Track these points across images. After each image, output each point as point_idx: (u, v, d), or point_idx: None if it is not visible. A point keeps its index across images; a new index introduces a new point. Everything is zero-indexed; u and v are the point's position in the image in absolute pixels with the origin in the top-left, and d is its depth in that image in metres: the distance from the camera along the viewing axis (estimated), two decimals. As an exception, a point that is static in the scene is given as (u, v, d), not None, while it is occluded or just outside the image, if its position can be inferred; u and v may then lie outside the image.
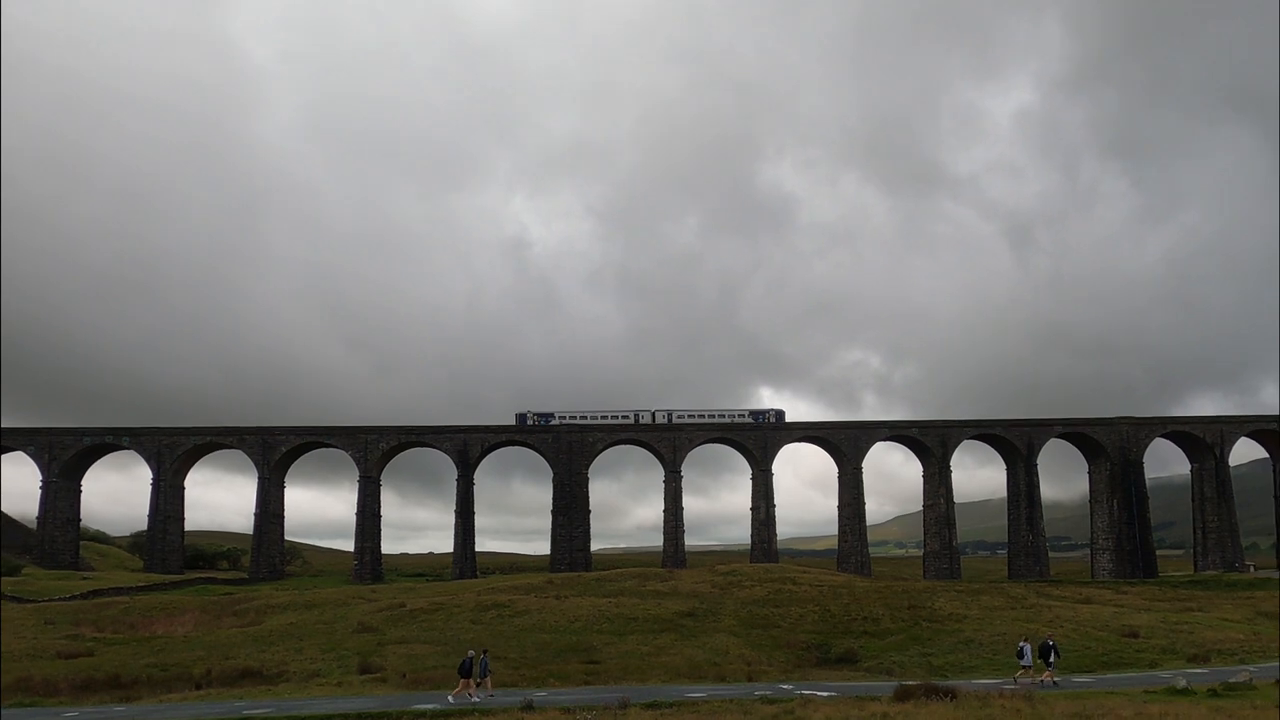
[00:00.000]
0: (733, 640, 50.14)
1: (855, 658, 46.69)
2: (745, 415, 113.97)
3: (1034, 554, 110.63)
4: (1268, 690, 30.52)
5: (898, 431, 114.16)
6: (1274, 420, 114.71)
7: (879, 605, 58.66)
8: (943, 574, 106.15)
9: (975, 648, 47.28)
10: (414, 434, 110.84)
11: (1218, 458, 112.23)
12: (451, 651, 45.84)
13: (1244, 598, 71.68)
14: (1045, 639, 37.43)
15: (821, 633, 52.44)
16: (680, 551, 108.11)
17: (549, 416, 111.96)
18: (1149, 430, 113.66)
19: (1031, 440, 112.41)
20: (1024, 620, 53.94)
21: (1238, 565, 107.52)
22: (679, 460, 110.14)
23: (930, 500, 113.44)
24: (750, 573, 76.05)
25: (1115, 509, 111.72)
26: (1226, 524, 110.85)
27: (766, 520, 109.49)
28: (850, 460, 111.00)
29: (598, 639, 49.63)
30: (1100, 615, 57.11)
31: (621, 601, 61.13)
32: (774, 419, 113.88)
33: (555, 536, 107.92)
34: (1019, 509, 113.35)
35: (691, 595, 64.12)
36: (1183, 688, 31.18)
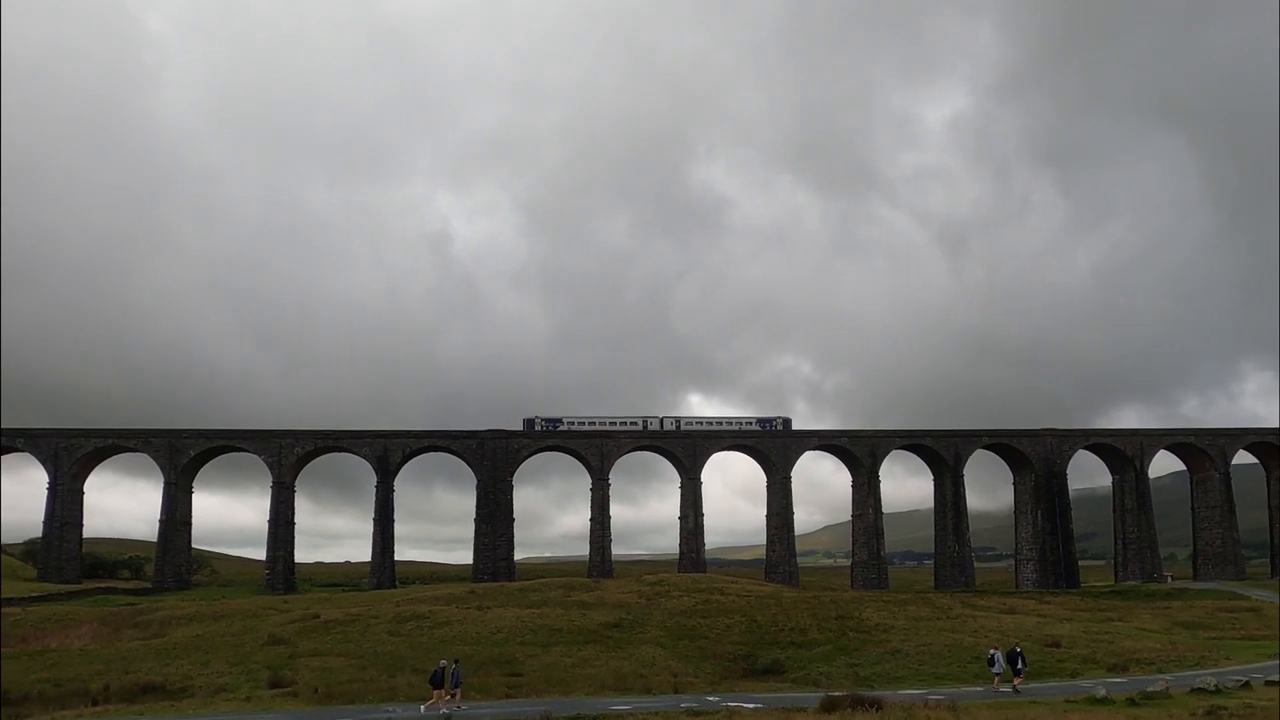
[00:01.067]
0: (659, 651, 50.23)
1: (782, 668, 47.17)
2: (753, 423, 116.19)
3: (960, 564, 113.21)
4: (1183, 699, 31.75)
5: (827, 441, 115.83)
6: (1190, 434, 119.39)
7: (806, 616, 59.38)
8: (870, 584, 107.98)
9: (902, 658, 48.17)
10: (332, 438, 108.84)
11: (1138, 470, 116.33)
12: (368, 664, 45.06)
13: (1161, 608, 74.46)
14: (1013, 647, 38.82)
15: (749, 643, 52.87)
16: (607, 561, 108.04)
17: (556, 422, 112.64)
18: (1073, 442, 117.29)
19: (959, 451, 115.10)
20: (950, 630, 55.15)
21: (1156, 576, 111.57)
22: (606, 469, 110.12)
23: (859, 510, 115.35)
24: (678, 583, 76.31)
25: (1039, 520, 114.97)
26: (1146, 535, 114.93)
27: (695, 529, 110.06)
28: (779, 469, 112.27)
29: (521, 651, 49.29)
30: (1024, 625, 58.69)
31: (546, 612, 60.84)
32: (781, 426, 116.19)
33: (478, 545, 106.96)
34: (946, 519, 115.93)
35: (618, 606, 64.10)
36: (1102, 697, 32.24)
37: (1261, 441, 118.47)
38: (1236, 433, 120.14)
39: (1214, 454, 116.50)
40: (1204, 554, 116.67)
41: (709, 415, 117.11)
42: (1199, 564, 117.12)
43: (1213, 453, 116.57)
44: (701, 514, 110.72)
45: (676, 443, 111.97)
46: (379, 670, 43.59)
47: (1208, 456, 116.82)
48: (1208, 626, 63.75)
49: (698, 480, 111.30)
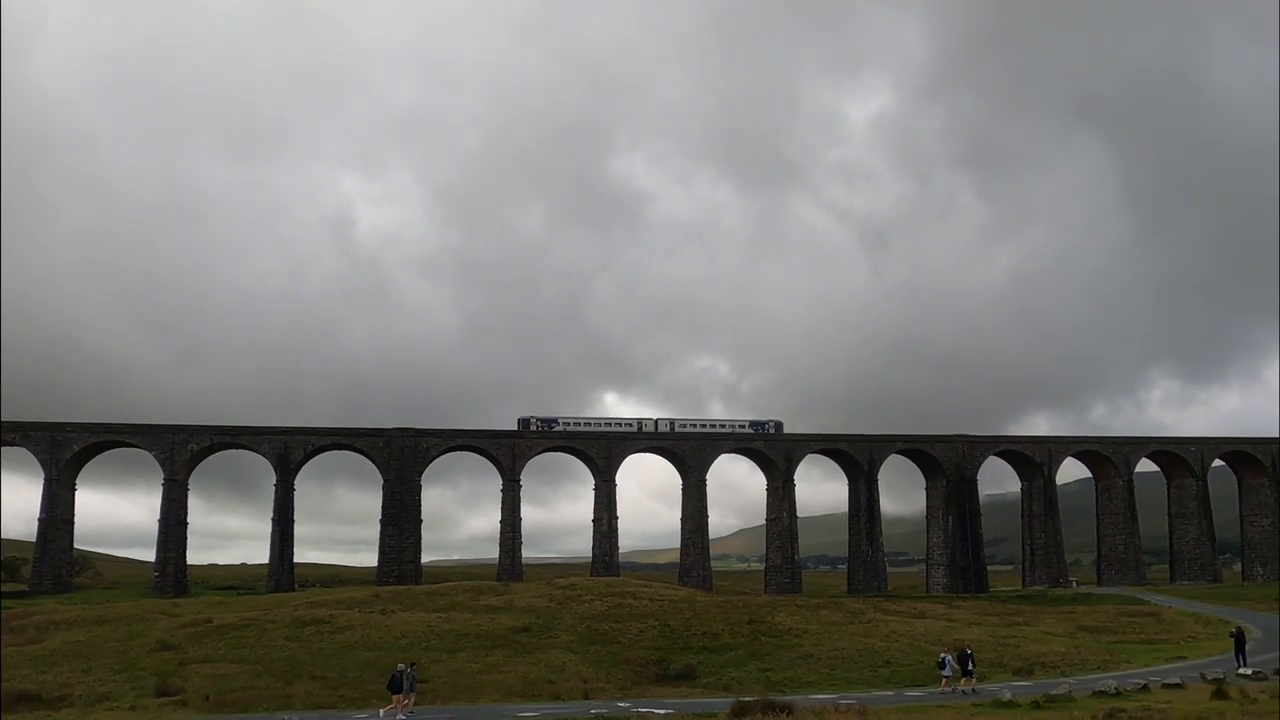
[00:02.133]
0: (570, 657, 50.15)
1: (694, 674, 47.51)
2: (745, 426, 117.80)
3: (873, 569, 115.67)
4: (1085, 702, 32.98)
5: (742, 444, 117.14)
6: (1096, 442, 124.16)
7: (719, 620, 59.94)
8: (784, 588, 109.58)
9: (814, 662, 48.97)
10: (229, 434, 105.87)
11: (1046, 477, 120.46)
12: (263, 671, 43.95)
13: (1066, 612, 77.20)
14: (964, 649, 40.21)
15: (661, 648, 53.12)
16: (517, 564, 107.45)
17: (552, 422, 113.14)
18: (984, 449, 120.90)
19: (873, 456, 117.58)
20: (862, 635, 56.30)
21: (1062, 581, 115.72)
22: (518, 469, 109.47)
23: (773, 514, 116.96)
24: (590, 587, 76.30)
25: (950, 525, 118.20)
26: (1053, 541, 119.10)
27: (608, 532, 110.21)
28: (694, 472, 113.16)
29: (426, 656, 48.64)
30: (933, 629, 60.23)
31: (453, 617, 60.21)
32: (773, 429, 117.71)
33: (383, 547, 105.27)
34: (860, 524, 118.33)
35: (528, 610, 63.80)
36: (1007, 700, 33.29)
37: (1163, 450, 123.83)
38: (1140, 441, 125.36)
39: (1118, 462, 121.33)
40: (1107, 559, 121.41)
41: (701, 419, 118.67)
42: (1103, 569, 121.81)
43: (1117, 460, 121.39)
44: (615, 517, 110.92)
45: (591, 444, 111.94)
46: (275, 677, 42.56)
47: (1112, 464, 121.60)
48: (1110, 631, 66.31)
49: (612, 482, 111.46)
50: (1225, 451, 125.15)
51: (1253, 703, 30.97)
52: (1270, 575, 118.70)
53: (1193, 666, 45.45)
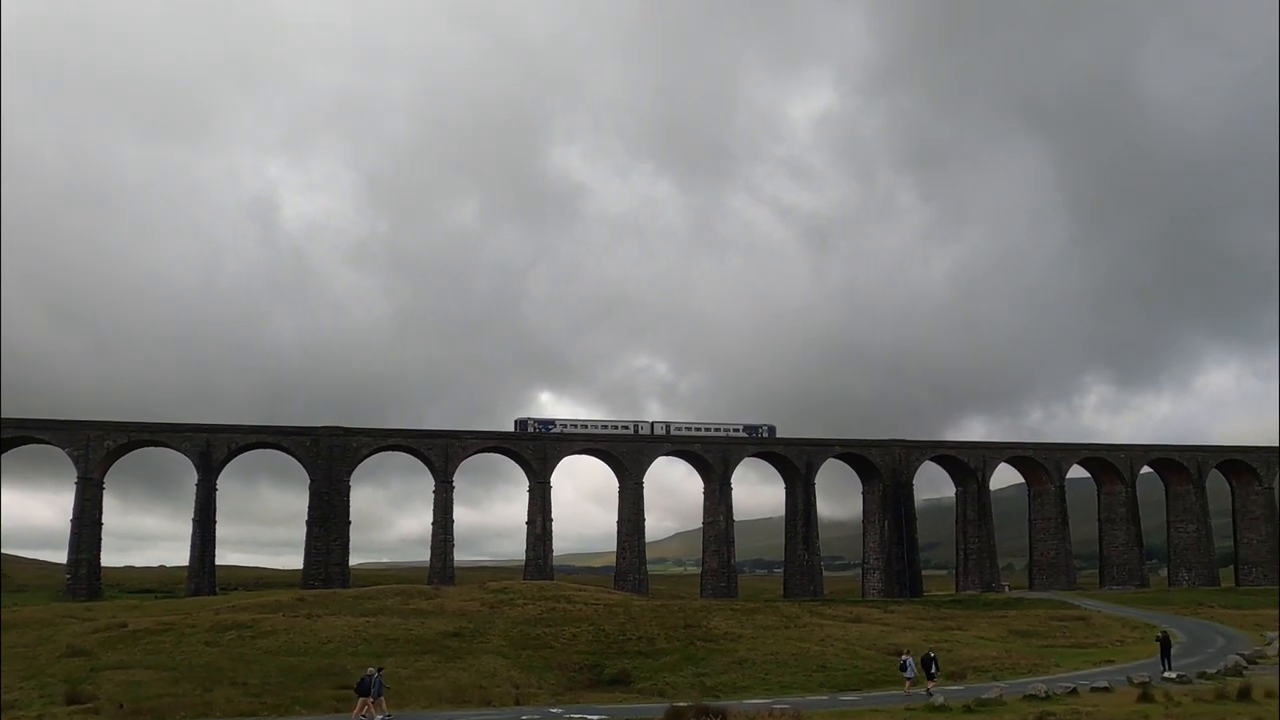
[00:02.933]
0: (501, 662, 49.89)
1: (629, 679, 47.57)
2: (739, 430, 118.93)
3: (809, 573, 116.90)
4: (1016, 705, 33.72)
5: (680, 446, 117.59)
6: (1029, 448, 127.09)
7: (654, 624, 60.10)
8: (720, 592, 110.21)
9: (749, 667, 49.36)
10: (148, 431, 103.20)
11: (980, 482, 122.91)
12: (181, 677, 42.95)
13: (999, 617, 78.92)
14: (926, 652, 40.95)
15: (595, 653, 53.10)
16: (449, 567, 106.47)
17: (549, 424, 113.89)
18: (920, 453, 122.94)
19: (810, 460, 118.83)
20: (797, 639, 56.89)
21: (994, 585, 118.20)
22: (451, 470, 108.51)
23: (710, 517, 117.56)
24: (523, 590, 76.01)
25: (886, 529, 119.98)
26: (986, 546, 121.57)
27: (543, 535, 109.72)
28: (631, 474, 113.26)
29: (353, 662, 47.97)
30: (868, 634, 61.15)
31: (381, 621, 59.50)
32: (766, 433, 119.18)
33: (309, 549, 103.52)
34: (796, 528, 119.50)
35: (459, 614, 63.30)
36: (940, 704, 33.91)
37: (1094, 457, 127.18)
38: (1072, 447, 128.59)
39: (1050, 468, 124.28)
40: (1039, 564, 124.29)
41: (691, 420, 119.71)
42: (1034, 574, 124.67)
43: (1049, 467, 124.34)
44: (550, 519, 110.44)
45: (526, 445, 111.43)
46: (193, 684, 41.62)
47: (1045, 470, 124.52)
48: (1041, 635, 67.96)
49: (547, 484, 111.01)
50: (1153, 459, 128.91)
51: (1176, 705, 31.95)
52: (1195, 580, 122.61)
53: (1120, 670, 46.76)
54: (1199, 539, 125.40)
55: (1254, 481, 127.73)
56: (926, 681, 39.25)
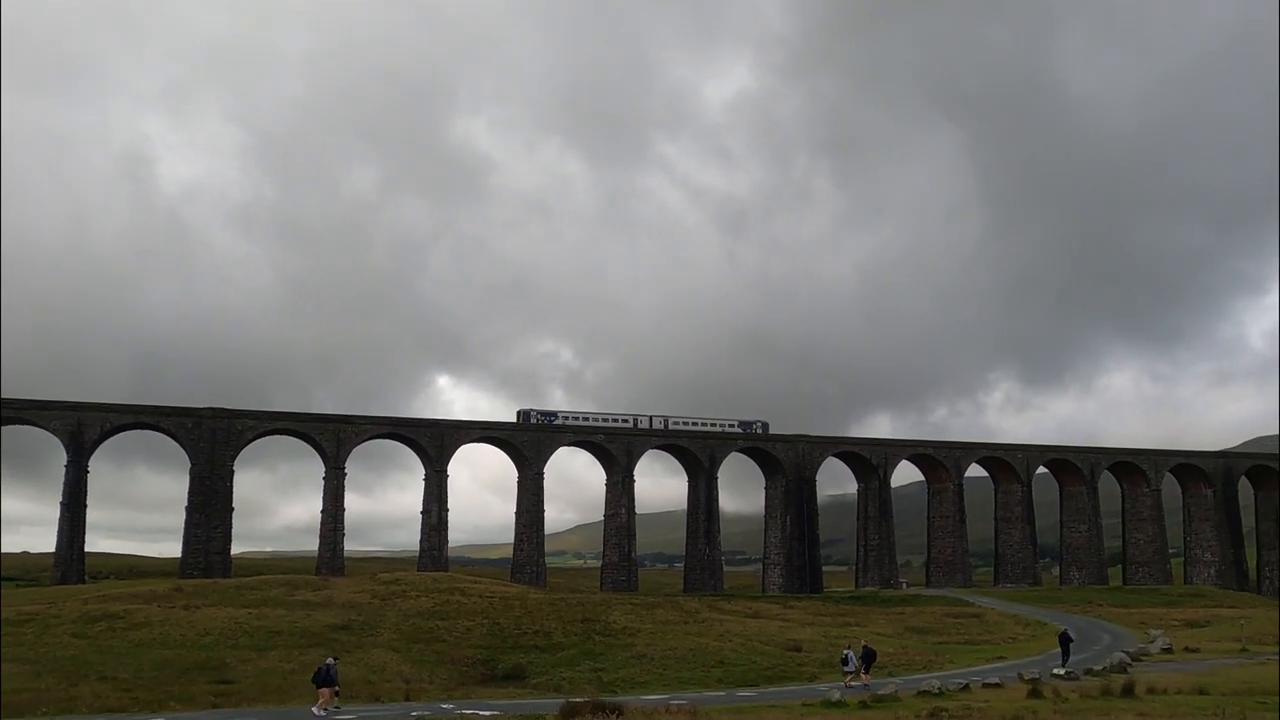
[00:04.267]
0: (391, 656, 49.30)
1: (524, 674, 47.51)
2: (734, 425, 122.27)
3: (710, 568, 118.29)
4: (910, 702, 34.72)
5: (583, 437, 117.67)
6: (930, 446, 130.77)
7: (552, 618, 60.10)
8: (620, 586, 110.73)
9: (647, 662, 49.74)
10: (12, 408, 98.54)
11: (881, 479, 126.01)
12: (44, 671, 41.33)
13: (896, 613, 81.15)
14: (864, 646, 42.38)
15: (490, 647, 52.87)
16: (338, 557, 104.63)
17: (552, 416, 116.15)
18: (823, 449, 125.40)
19: (714, 453, 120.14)
20: (696, 635, 57.54)
21: (893, 582, 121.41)
22: (343, 456, 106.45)
23: (611, 510, 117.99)
24: (416, 582, 75.24)
25: (788, 525, 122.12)
26: (886, 543, 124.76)
27: (438, 525, 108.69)
28: (532, 464, 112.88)
29: (233, 655, 46.87)
30: (767, 629, 62.22)
31: (265, 612, 58.17)
32: (760, 429, 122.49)
33: (189, 537, 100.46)
34: (698, 522, 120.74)
35: (348, 606, 62.31)
36: (836, 700, 34.69)
37: (993, 456, 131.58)
38: (971, 446, 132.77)
39: (950, 466, 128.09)
40: (936, 561, 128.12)
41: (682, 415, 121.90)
42: (931, 571, 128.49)
43: (949, 465, 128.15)
44: (446, 509, 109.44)
45: (422, 431, 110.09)
46: (58, 678, 40.11)
47: (944, 468, 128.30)
48: (936, 631, 70.14)
49: (444, 472, 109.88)
50: (1049, 459, 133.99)
51: (1064, 701, 33.37)
52: (1085, 579, 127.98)
53: (1011, 667, 48.53)
54: (1090, 539, 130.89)
55: (1143, 483, 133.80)
56: (864, 675, 40.66)
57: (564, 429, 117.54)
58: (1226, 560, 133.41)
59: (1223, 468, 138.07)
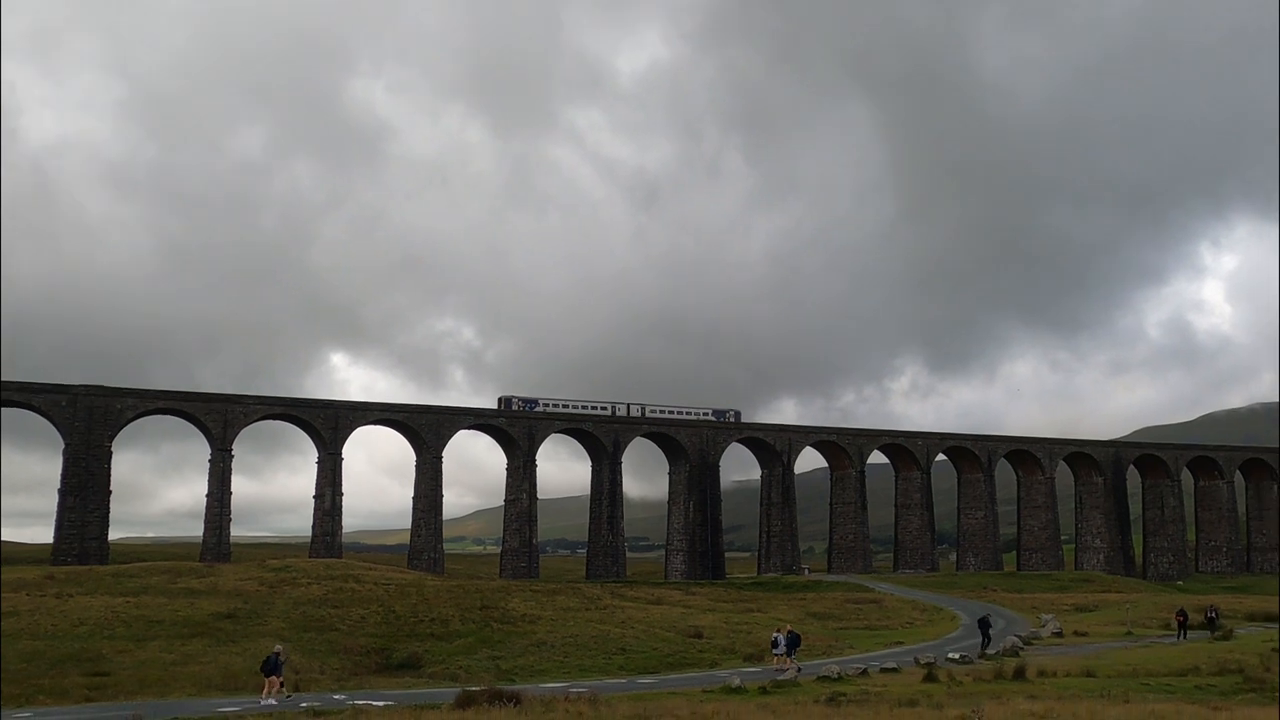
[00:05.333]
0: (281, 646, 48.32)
1: (420, 663, 47.12)
2: (709, 414, 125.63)
3: (613, 554, 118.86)
4: (810, 687, 35.52)
5: (483, 420, 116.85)
6: (833, 433, 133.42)
7: (449, 606, 59.72)
8: (520, 573, 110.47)
9: (547, 650, 49.79)
10: None
11: (785, 465, 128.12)
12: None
13: (798, 599, 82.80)
14: (789, 630, 43.42)
15: (384, 636, 52.28)
16: (224, 543, 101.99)
17: (533, 403, 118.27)
18: (728, 434, 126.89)
19: (619, 438, 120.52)
20: (598, 622, 57.78)
21: (795, 568, 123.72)
22: (230, 437, 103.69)
23: (513, 495, 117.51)
24: (307, 569, 73.96)
25: (691, 511, 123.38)
26: (789, 529, 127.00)
27: (332, 510, 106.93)
28: (430, 447, 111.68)
29: (109, 646, 45.35)
30: (669, 616, 62.83)
31: (144, 601, 56.46)
32: (733, 418, 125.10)
33: (62, 521, 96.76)
34: (601, 507, 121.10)
35: (235, 594, 60.88)
36: (737, 686, 35.25)
37: (894, 443, 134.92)
38: (873, 434, 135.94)
39: (852, 453, 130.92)
40: (838, 548, 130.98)
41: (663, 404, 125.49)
42: (833, 557, 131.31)
43: (851, 452, 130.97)
44: (340, 493, 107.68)
45: (316, 412, 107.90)
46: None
47: (847, 455, 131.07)
48: (836, 617, 71.78)
49: (338, 455, 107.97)
50: (948, 446, 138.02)
51: (958, 685, 34.56)
52: (981, 565, 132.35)
53: (908, 651, 50.00)
54: (986, 525, 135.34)
55: (1038, 471, 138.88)
56: (787, 658, 41.59)
57: (464, 412, 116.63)
58: (1114, 546, 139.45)
59: (1113, 456, 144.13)
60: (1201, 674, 37.60)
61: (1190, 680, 35.85)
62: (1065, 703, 27.84)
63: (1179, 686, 34.03)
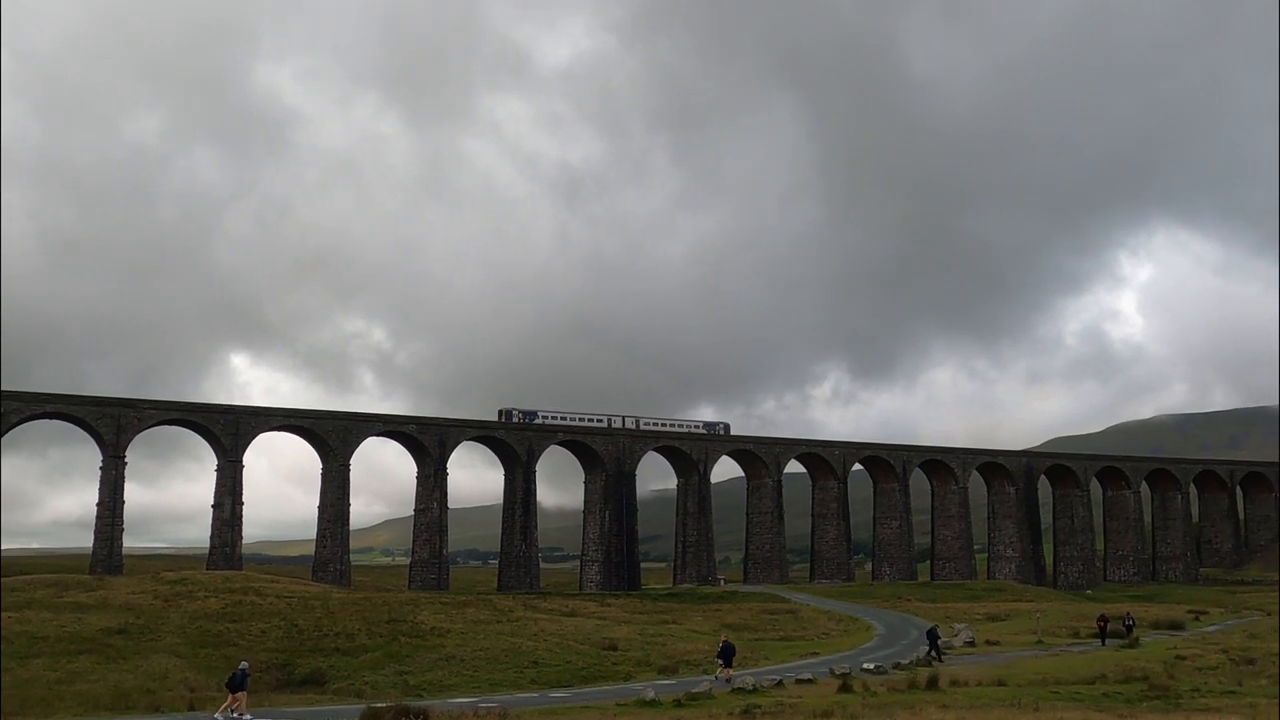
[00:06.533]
0: (175, 662, 47.08)
1: (324, 679, 46.34)
2: (699, 426, 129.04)
3: (526, 565, 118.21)
4: (724, 699, 35.77)
5: (392, 427, 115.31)
6: (750, 441, 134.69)
7: (355, 619, 58.80)
8: (430, 585, 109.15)
9: (456, 664, 49.31)
10: None
11: (701, 474, 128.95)
12: None
13: (713, 610, 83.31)
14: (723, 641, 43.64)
15: (287, 651, 51.25)
16: (116, 555, 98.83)
17: (532, 415, 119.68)
18: (644, 443, 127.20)
19: (533, 445, 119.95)
20: (509, 635, 57.41)
21: (710, 579, 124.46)
22: (123, 443, 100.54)
23: (423, 504, 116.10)
24: (205, 581, 72.16)
25: (607, 521, 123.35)
26: (704, 539, 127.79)
27: (231, 520, 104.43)
28: (337, 455, 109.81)
29: (-12, 665, 43.56)
30: (583, 628, 62.73)
31: (28, 616, 54.44)
32: (723, 431, 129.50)
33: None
34: (514, 517, 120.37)
35: (126, 608, 59.09)
36: (651, 699, 35.31)
37: (811, 452, 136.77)
38: (790, 443, 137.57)
39: (769, 462, 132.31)
40: (754, 558, 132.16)
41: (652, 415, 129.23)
42: (749, 567, 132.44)
43: (768, 461, 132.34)
44: (241, 502, 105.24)
45: (215, 418, 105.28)
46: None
47: (763, 464, 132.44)
48: (752, 628, 72.35)
49: (239, 463, 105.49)
50: (865, 456, 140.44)
51: (873, 695, 35.14)
52: (896, 575, 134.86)
53: (824, 662, 50.67)
54: (901, 535, 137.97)
55: (952, 481, 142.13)
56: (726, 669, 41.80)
57: (374, 419, 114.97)
58: (1026, 555, 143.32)
59: (1025, 466, 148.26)
60: (1108, 682, 38.88)
61: (1098, 688, 37.05)
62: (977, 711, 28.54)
63: (1087, 694, 35.15)
